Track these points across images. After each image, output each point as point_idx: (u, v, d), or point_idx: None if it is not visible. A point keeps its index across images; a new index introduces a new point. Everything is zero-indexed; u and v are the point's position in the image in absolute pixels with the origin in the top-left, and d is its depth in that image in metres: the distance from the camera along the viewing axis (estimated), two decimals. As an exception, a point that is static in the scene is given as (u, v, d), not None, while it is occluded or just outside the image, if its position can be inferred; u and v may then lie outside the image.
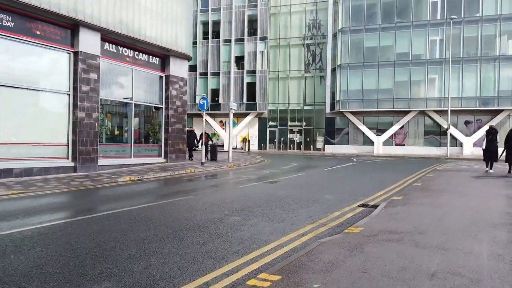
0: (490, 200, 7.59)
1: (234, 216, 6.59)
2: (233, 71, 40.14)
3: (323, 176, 13.52)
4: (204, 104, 16.15)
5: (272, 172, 14.65)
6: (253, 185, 10.73)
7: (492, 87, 32.00)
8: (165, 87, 16.57)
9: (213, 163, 17.26)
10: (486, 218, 5.94)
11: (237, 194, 9.16)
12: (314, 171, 15.53)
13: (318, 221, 6.38)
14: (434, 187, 9.74)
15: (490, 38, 32.25)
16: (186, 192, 9.56)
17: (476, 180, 11.39)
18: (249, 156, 24.75)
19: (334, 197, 8.79)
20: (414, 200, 7.85)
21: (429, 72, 33.49)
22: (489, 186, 9.75)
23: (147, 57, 15.74)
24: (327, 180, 12.12)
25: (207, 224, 6.00)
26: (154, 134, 16.40)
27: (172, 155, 16.74)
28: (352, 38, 35.76)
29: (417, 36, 33.77)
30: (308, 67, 39.68)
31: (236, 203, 7.79)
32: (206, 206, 7.49)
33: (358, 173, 14.74)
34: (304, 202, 8.12)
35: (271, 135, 40.70)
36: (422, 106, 33.48)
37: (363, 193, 9.44)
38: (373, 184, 11.29)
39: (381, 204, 7.73)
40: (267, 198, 8.46)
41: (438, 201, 7.62)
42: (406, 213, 6.66)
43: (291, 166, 18.10)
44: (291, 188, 10.20)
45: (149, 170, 13.68)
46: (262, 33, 39.31)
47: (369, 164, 19.89)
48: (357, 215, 6.91)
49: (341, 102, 35.67)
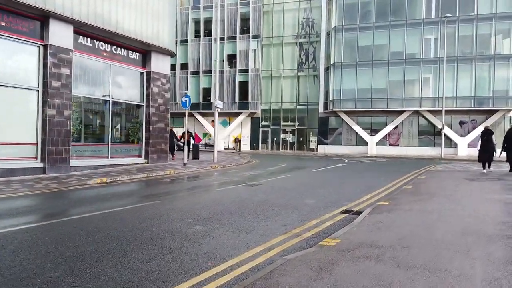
0: (484, 206, 6.90)
1: (197, 225, 5.84)
2: (226, 70, 39.58)
3: (309, 178, 12.81)
4: (187, 102, 15.38)
5: (257, 174, 13.92)
6: (231, 188, 9.99)
7: (487, 87, 31.49)
8: (146, 84, 15.78)
9: (196, 164, 16.50)
10: (480, 229, 5.24)
11: (211, 198, 8.42)
12: (301, 173, 14.82)
13: (292, 231, 5.66)
14: (425, 191, 9.06)
15: (485, 37, 31.73)
16: (156, 196, 8.80)
17: (470, 183, 10.73)
18: (237, 157, 24.00)
19: (315, 202, 8.07)
20: (401, 206, 7.15)
21: (424, 71, 32.94)
22: (483, 190, 9.07)
23: (126, 52, 14.94)
24: (312, 183, 11.41)
25: (163, 235, 5.25)
26: (134, 133, 15.61)
27: (154, 156, 15.96)
28: (346, 36, 35.13)
29: (412, 35, 33.20)
30: (301, 66, 38.98)
31: (206, 210, 7.05)
32: (171, 213, 6.74)
33: (346, 175, 14.04)
34: (282, 208, 7.39)
35: (263, 135, 39.96)
36: (416, 106, 32.91)
37: (348, 198, 8.73)
38: (361, 187, 10.60)
39: (366, 210, 7.02)
40: (242, 204, 7.72)
41: (428, 207, 6.92)
42: (391, 221, 5.95)
43: (278, 167, 17.38)
44: (271, 191, 9.48)
45: (125, 172, 12.90)
46: (254, 31, 38.58)
47: (360, 165, 19.21)
48: (337, 224, 6.20)
49: (334, 101, 35.02)
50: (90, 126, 14.28)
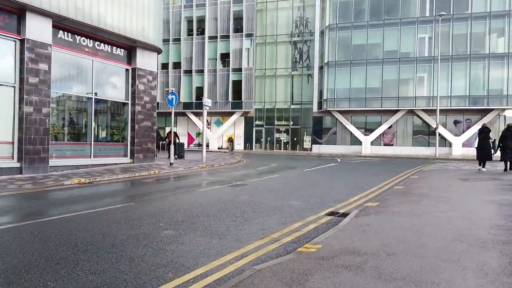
0: (478, 208, 6.49)
1: (168, 230, 5.38)
2: (219, 69, 39.08)
3: (298, 178, 12.37)
4: (173, 99, 14.88)
5: (245, 174, 13.46)
6: (215, 189, 9.53)
7: (482, 86, 31.26)
8: (131, 81, 15.27)
9: (183, 164, 16.01)
10: (473, 233, 4.82)
11: (191, 200, 7.95)
12: (290, 173, 14.38)
13: (271, 235, 5.21)
14: (417, 191, 8.65)
15: (479, 36, 31.50)
16: (133, 197, 8.32)
17: (463, 183, 10.34)
18: (228, 156, 23.52)
19: (301, 203, 7.64)
20: (390, 208, 6.73)
21: (418, 70, 32.66)
22: (476, 191, 8.68)
23: (110, 48, 14.43)
24: (300, 183, 10.97)
25: (126, 242, 4.78)
26: (119, 132, 15.10)
27: (139, 155, 15.45)
28: (340, 35, 34.77)
29: (406, 33, 32.91)
30: (295, 65, 38.55)
31: (182, 212, 6.59)
32: (143, 216, 6.27)
33: (337, 175, 13.63)
34: (264, 209, 6.94)
35: (257, 135, 39.50)
36: (410, 105, 32.61)
37: (336, 198, 8.31)
38: (351, 187, 10.18)
39: (352, 212, 6.59)
40: (222, 205, 7.26)
41: (418, 209, 6.51)
42: (378, 224, 5.52)
43: (269, 166, 16.93)
44: (256, 192, 9.03)
45: (107, 172, 12.39)
46: (248, 29, 38.11)
47: (352, 165, 18.82)
48: (320, 227, 5.76)
49: (328, 101, 34.65)
50: (72, 125, 13.76)
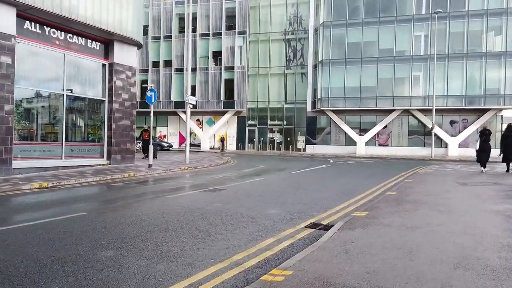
0: (481, 221, 5.60)
1: (109, 249, 4.43)
2: (211, 67, 38.11)
3: (284, 182, 11.44)
4: (152, 96, 13.90)
5: (227, 176, 12.51)
6: (187, 195, 8.58)
7: (478, 86, 30.53)
8: (108, 77, 14.29)
9: (164, 165, 15.03)
10: (479, 256, 3.93)
11: (154, 208, 7.00)
12: (277, 175, 13.46)
13: (233, 257, 4.28)
14: (411, 198, 7.76)
15: (476, 34, 30.76)
16: (89, 205, 7.37)
17: (462, 187, 9.47)
18: (216, 157, 22.54)
19: (280, 212, 6.72)
20: (381, 219, 5.82)
21: (414, 69, 31.89)
22: (478, 197, 7.80)
23: (85, 41, 13.44)
24: (284, 187, 10.05)
25: (48, 268, 3.83)
26: (95, 131, 14.11)
27: (117, 156, 14.47)
28: (334, 33, 33.93)
29: (401, 31, 32.12)
30: (289, 64, 37.64)
31: (136, 225, 5.64)
32: (88, 230, 5.32)
33: (326, 178, 12.72)
34: (236, 220, 6.02)
35: (250, 135, 38.56)
36: (406, 105, 31.82)
37: (322, 206, 7.40)
38: (339, 192, 9.28)
39: (337, 224, 5.69)
40: (188, 216, 6.33)
41: (412, 221, 5.61)
42: (364, 241, 4.62)
43: (256, 168, 15.99)
44: (233, 198, 8.10)
45: (77, 174, 11.40)
46: (240, 27, 37.18)
47: (344, 167, 17.93)
48: (296, 244, 4.84)
49: (322, 100, 33.79)
50: (41, 123, 12.75)
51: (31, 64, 11.92)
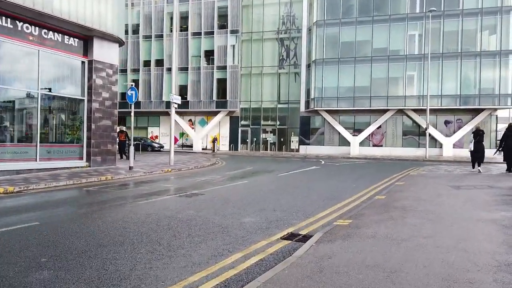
0: (475, 232, 5.04)
1: (46, 270, 3.82)
2: (203, 66, 37.46)
3: (268, 185, 10.85)
4: (133, 95, 13.26)
5: (210, 179, 11.90)
6: (160, 200, 7.97)
7: (473, 85, 30.18)
8: (88, 74, 13.64)
9: (147, 168, 14.39)
10: (472, 278, 3.36)
11: (118, 217, 6.38)
12: (263, 178, 12.87)
13: (189, 278, 3.69)
14: (400, 203, 7.21)
15: (471, 33, 30.41)
16: (47, 213, 6.74)
17: (456, 191, 8.94)
18: (204, 158, 21.90)
19: (257, 221, 6.14)
20: (364, 229, 5.26)
21: (408, 68, 31.47)
22: (472, 203, 7.26)
23: (61, 37, 12.78)
24: (268, 192, 9.45)
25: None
26: (73, 132, 13.45)
27: (97, 158, 13.82)
28: (328, 32, 33.44)
29: (395, 30, 31.70)
30: (282, 63, 37.09)
31: (90, 238, 5.03)
32: (30, 245, 4.70)
33: (314, 180, 12.14)
34: (205, 231, 5.43)
35: (243, 135, 37.97)
36: (400, 105, 31.40)
37: (303, 212, 6.83)
38: (325, 196, 8.71)
39: (316, 235, 5.12)
40: (153, 226, 5.73)
41: (399, 232, 5.05)
42: (342, 257, 4.05)
43: (243, 170, 15.39)
44: (209, 205, 7.51)
45: (50, 178, 10.76)
46: (233, 26, 36.57)
47: (335, 168, 17.38)
48: (266, 260, 4.27)
49: (315, 100, 33.29)
50: (13, 124, 12.07)
51: (2, 61, 11.25)
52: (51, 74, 12.65)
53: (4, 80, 11.43)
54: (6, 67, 11.44)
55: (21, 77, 11.92)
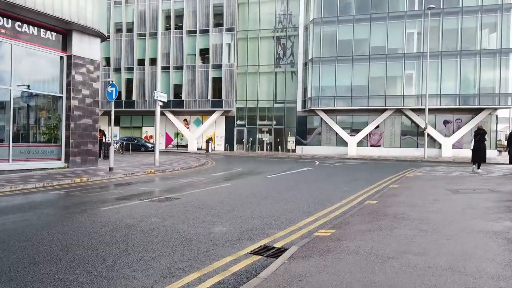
0: (475, 248, 4.31)
1: None
2: (198, 65, 36.74)
3: (252, 188, 10.12)
4: (113, 92, 12.54)
5: (191, 182, 11.17)
6: (128, 206, 7.24)
7: (473, 84, 29.49)
8: (66, 70, 12.92)
9: (128, 169, 13.66)
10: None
11: (73, 226, 5.65)
12: (249, 180, 12.14)
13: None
14: (391, 210, 6.50)
15: (470, 32, 29.72)
16: (4, 220, 6.03)
17: (454, 196, 8.22)
18: (194, 158, 21.14)
19: (229, 230, 5.43)
20: (347, 241, 4.54)
21: (406, 67, 30.77)
22: (472, 211, 6.54)
23: (37, 30, 12.06)
24: (249, 195, 8.73)
25: None
26: (51, 131, 12.73)
27: (76, 158, 13.10)
28: (325, 30, 32.73)
29: (394, 28, 30.99)
30: (278, 62, 36.39)
31: (22, 253, 4.31)
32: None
33: (304, 183, 11.42)
34: (166, 243, 4.72)
35: (239, 135, 37.26)
36: (398, 105, 30.69)
37: (284, 220, 6.12)
38: (312, 201, 7.99)
39: (291, 248, 4.41)
40: (106, 237, 5.00)
41: (386, 246, 4.33)
42: (316, 279, 3.34)
43: (230, 172, 14.66)
44: (180, 210, 6.79)
45: (20, 180, 10.04)
46: (228, 24, 35.87)
47: (329, 169, 16.66)
48: (225, 283, 3.55)
49: (312, 99, 32.58)
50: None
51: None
52: (25, 70, 11.94)
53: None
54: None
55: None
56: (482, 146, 13.16)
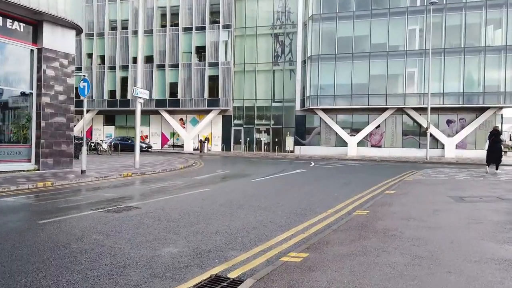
0: (481, 284, 3.29)
1: None
2: (194, 63, 35.72)
3: (230, 194, 9.07)
4: (85, 88, 11.52)
5: (166, 187, 10.14)
6: (74, 218, 6.20)
7: (477, 83, 28.32)
8: (37, 65, 11.95)
9: (103, 172, 12.63)
10: None
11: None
12: (231, 184, 11.11)
13: None
14: (383, 224, 5.46)
15: (475, 28, 28.54)
16: None
17: (457, 206, 7.16)
18: (183, 160, 20.08)
19: (178, 253, 4.41)
20: (318, 272, 3.51)
21: (408, 65, 29.63)
22: (477, 225, 5.48)
23: (3, 20, 11.08)
24: (224, 203, 7.68)
25: None
26: (19, 130, 11.76)
27: (48, 160, 12.12)
28: (324, 26, 31.66)
29: (395, 24, 29.86)
30: (277, 60, 35.33)
31: None
32: None
33: (290, 188, 10.36)
34: (88, 274, 3.71)
35: (236, 135, 36.24)
36: (400, 103, 29.57)
37: (252, 237, 5.09)
38: (293, 210, 6.96)
39: (246, 282, 3.38)
40: (16, 263, 4.00)
41: (367, 282, 3.31)
42: None
43: (215, 174, 13.62)
44: (132, 224, 5.77)
45: (-25, 184, 9.06)
46: (225, 20, 34.86)
47: (322, 171, 15.59)
48: None
49: (311, 98, 31.52)
50: None
51: None
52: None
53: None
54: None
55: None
56: (498, 147, 13.10)
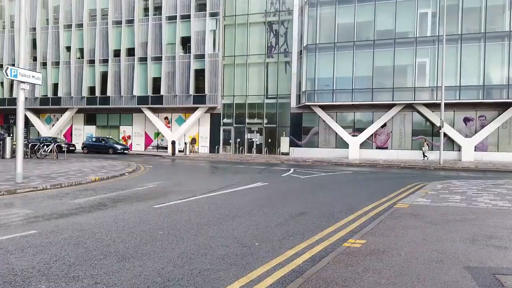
0: None
1: None
2: (179, 55, 32.25)
3: (44, 254, 5.35)
4: None
5: (29, 215, 6.50)
6: None
7: (499, 74, 24.25)
8: None
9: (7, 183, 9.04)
10: None
11: None
12: (104, 217, 7.40)
13: None
14: None
15: (497, 10, 24.48)
16: None
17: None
18: (123, 166, 16.01)
19: None
20: None
21: (418, 54, 25.67)
22: None
23: None
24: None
25: None
26: None
27: None
28: (322, 12, 27.82)
29: (403, 8, 25.92)
30: (270, 51, 31.58)
31: None
32: None
33: (196, 225, 6.48)
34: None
35: (225, 135, 32.65)
36: (409, 99, 25.61)
37: None
38: None
39: None
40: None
41: None
42: None
43: (127, 192, 9.64)
44: None
45: None
46: (213, 8, 31.29)
47: (289, 185, 11.61)
48: None
49: (307, 93, 27.69)
50: None
51: None
52: None
53: None
54: None
55: None
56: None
